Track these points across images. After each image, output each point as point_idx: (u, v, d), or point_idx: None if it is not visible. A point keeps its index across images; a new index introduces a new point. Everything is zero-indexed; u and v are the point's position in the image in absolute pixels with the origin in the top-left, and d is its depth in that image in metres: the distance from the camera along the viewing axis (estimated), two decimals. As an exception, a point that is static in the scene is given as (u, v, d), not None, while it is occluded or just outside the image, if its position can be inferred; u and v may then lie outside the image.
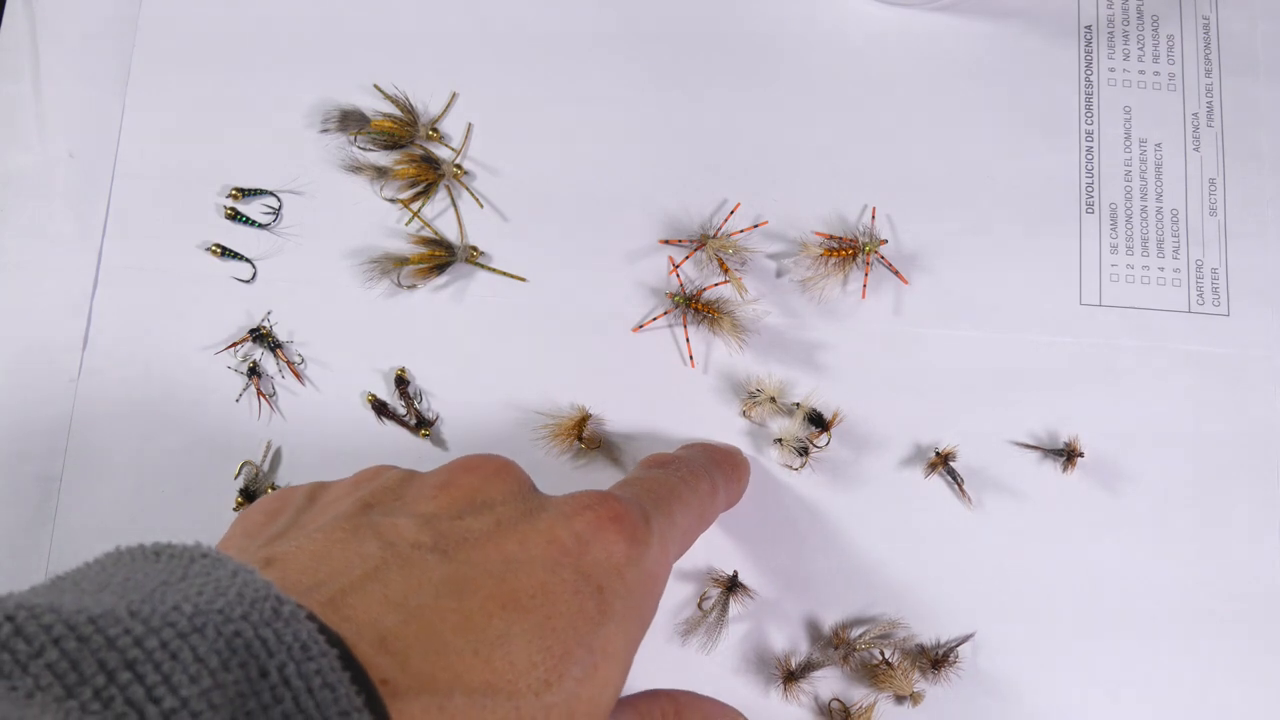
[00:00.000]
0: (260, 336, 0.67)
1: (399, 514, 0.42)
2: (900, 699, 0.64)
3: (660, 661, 0.64)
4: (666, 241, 0.69)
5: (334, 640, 0.32)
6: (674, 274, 0.68)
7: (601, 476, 0.66)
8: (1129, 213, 0.71)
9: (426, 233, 0.68)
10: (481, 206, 0.69)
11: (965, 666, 0.65)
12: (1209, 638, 0.66)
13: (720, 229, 0.69)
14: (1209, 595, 0.66)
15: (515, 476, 0.46)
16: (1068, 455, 0.66)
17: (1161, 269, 0.70)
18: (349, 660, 0.32)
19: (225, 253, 0.67)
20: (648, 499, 0.48)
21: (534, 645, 0.38)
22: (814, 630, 0.65)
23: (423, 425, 0.66)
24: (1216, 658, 0.66)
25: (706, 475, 0.56)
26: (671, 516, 0.48)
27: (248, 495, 0.64)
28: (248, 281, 0.68)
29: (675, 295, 0.67)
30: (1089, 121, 0.72)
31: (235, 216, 0.68)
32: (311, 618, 0.32)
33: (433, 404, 0.67)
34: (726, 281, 0.67)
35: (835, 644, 0.64)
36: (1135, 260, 0.70)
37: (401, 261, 0.67)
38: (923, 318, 0.69)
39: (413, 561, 0.39)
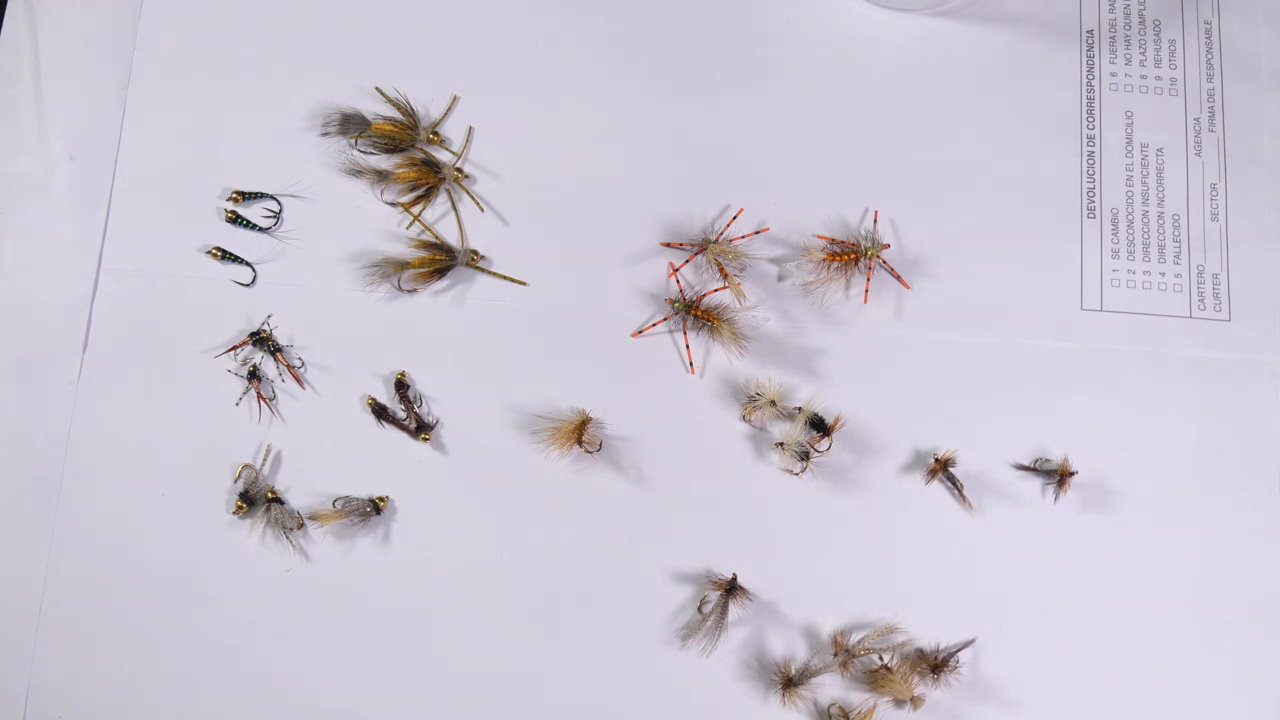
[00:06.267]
0: (260, 340, 0.66)
1: None
2: (900, 703, 0.64)
3: (660, 665, 0.64)
4: (668, 244, 0.69)
5: None
6: (673, 277, 0.68)
7: (601, 480, 0.66)
8: (1130, 218, 0.71)
9: (427, 236, 0.68)
10: (482, 210, 0.69)
11: (966, 671, 0.65)
12: (1209, 642, 0.66)
13: (722, 234, 0.69)
14: (1209, 599, 0.66)
15: None
16: (1060, 479, 0.66)
17: (1163, 274, 0.70)
18: None
19: (225, 256, 0.67)
20: None
21: None
22: (813, 636, 0.65)
23: (423, 429, 0.66)
24: (1215, 662, 0.66)
25: None
26: None
27: (247, 499, 0.64)
28: (248, 285, 0.68)
29: (675, 301, 0.67)
30: (1090, 126, 0.72)
31: (236, 220, 0.68)
32: None
33: (433, 408, 0.67)
34: (725, 287, 0.67)
35: (834, 650, 0.64)
36: (1136, 265, 0.70)
37: (402, 265, 0.67)
38: (924, 323, 0.69)
39: None
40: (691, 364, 0.68)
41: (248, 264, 0.68)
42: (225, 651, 0.64)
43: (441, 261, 0.67)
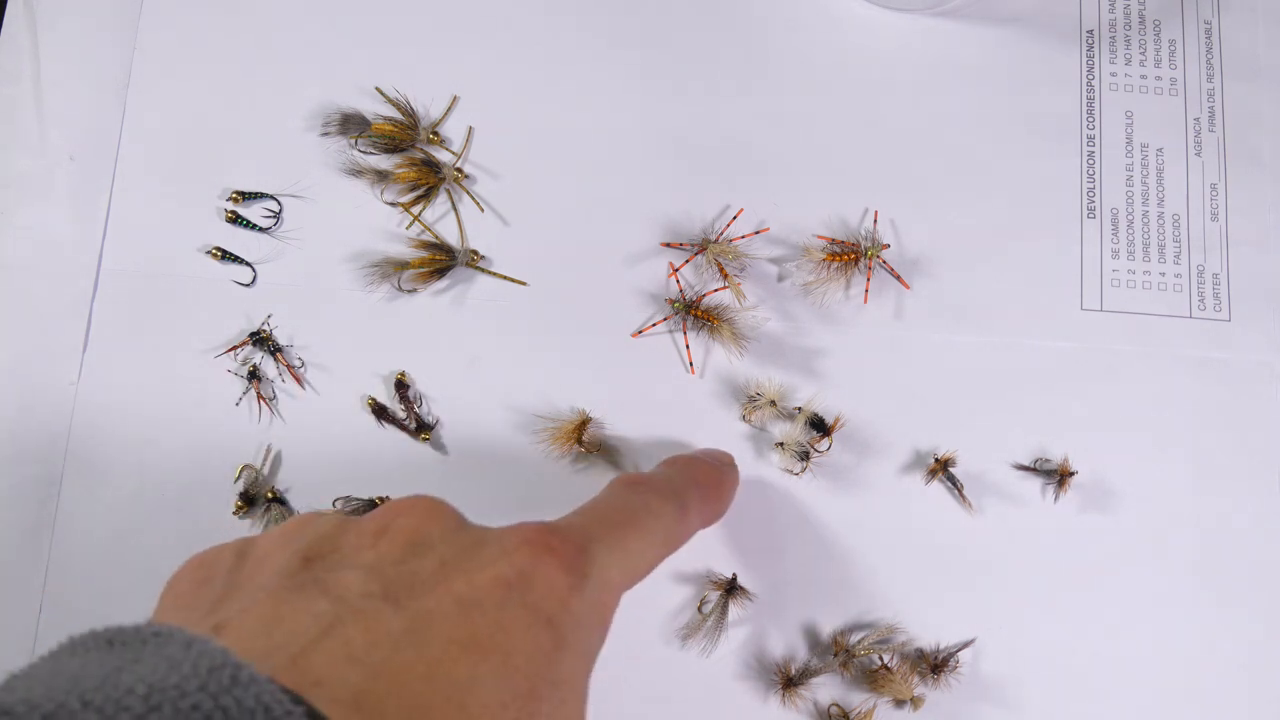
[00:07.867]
0: (260, 340, 0.66)
1: (341, 567, 0.40)
2: (900, 704, 0.64)
3: (659, 665, 0.64)
4: (668, 244, 0.69)
5: (296, 699, 0.31)
6: (673, 277, 0.68)
7: (601, 480, 0.66)
8: (1130, 218, 0.71)
9: (427, 236, 0.68)
10: (482, 210, 0.69)
11: (966, 672, 0.65)
12: (1209, 642, 0.66)
13: (722, 234, 0.69)
14: (1209, 599, 0.66)
15: (448, 514, 0.45)
16: (1060, 479, 0.66)
17: (1163, 274, 0.70)
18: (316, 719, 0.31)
19: (225, 256, 0.67)
20: (597, 526, 0.46)
21: (502, 686, 0.37)
22: (813, 636, 0.65)
23: (423, 429, 0.66)
24: (1216, 662, 0.66)
25: (675, 498, 0.53)
26: (623, 544, 0.46)
27: (247, 499, 0.64)
28: (248, 285, 0.68)
29: (675, 301, 0.67)
30: (1090, 126, 0.72)
31: (236, 220, 0.68)
32: (272, 680, 0.30)
33: (433, 408, 0.67)
34: (725, 287, 0.67)
35: (834, 650, 0.64)
36: (1136, 265, 0.70)
37: (402, 265, 0.67)
38: (924, 323, 0.69)
39: (366, 613, 0.37)
40: (691, 364, 0.68)
41: (248, 264, 0.68)
42: (225, 651, 0.64)
43: (441, 261, 0.67)
